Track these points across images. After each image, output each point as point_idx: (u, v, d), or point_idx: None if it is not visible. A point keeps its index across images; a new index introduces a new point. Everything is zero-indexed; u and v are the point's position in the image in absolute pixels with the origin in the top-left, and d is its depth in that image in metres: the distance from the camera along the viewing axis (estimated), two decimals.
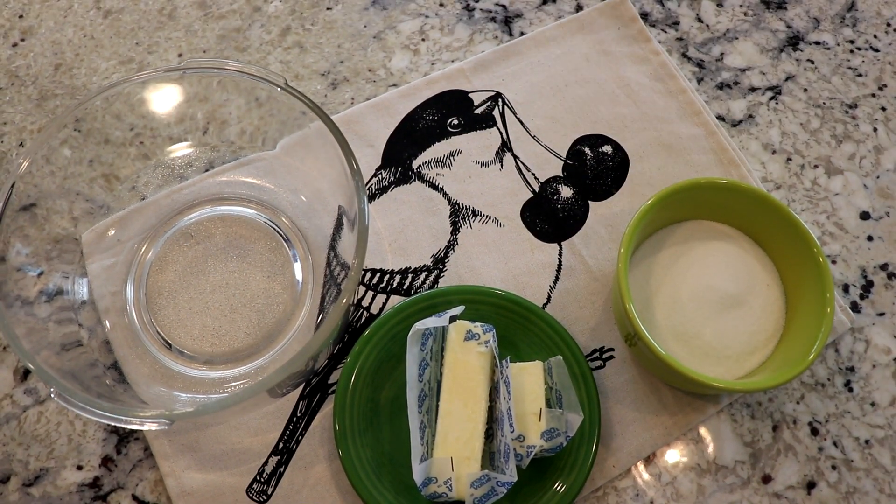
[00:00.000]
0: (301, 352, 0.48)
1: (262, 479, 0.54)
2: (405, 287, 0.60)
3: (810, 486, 0.55)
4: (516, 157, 0.64)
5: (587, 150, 0.65)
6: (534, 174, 0.64)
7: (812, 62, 0.70)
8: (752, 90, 0.69)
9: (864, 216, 0.64)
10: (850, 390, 0.58)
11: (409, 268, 0.60)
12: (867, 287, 0.62)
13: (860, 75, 0.70)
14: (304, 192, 0.62)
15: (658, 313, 0.56)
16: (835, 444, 0.57)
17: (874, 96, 0.69)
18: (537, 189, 0.63)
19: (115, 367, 0.56)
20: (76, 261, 0.59)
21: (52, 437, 0.55)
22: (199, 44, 0.69)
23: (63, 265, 0.58)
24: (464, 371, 0.52)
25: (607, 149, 0.65)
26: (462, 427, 0.51)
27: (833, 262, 0.63)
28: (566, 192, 0.63)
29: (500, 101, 0.66)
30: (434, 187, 0.63)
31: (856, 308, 0.61)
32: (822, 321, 0.51)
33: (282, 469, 0.54)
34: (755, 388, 0.51)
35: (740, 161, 0.65)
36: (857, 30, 0.72)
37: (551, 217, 0.62)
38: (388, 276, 0.60)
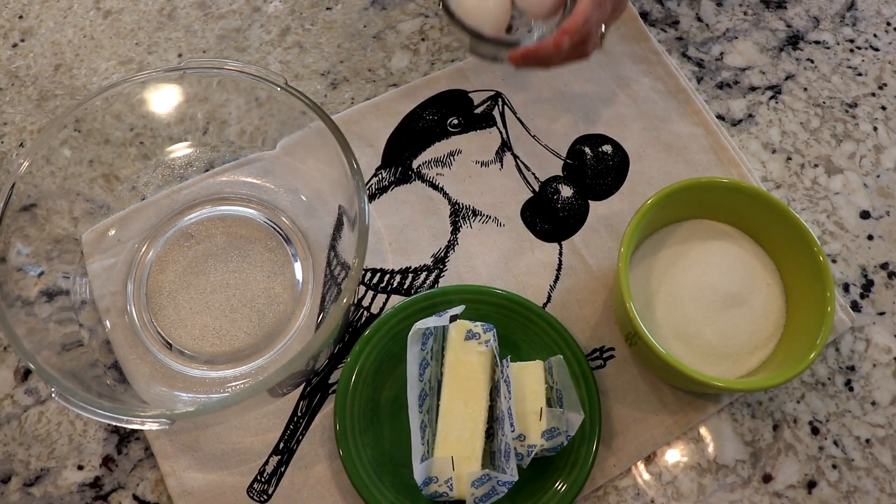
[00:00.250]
0: (301, 351, 0.48)
1: (263, 479, 0.54)
2: (405, 287, 0.60)
3: (811, 485, 0.56)
4: (516, 156, 0.64)
5: (587, 150, 0.65)
6: (534, 174, 0.64)
7: (812, 61, 0.70)
8: (752, 89, 0.69)
9: (865, 215, 0.64)
10: (851, 389, 0.58)
11: (410, 267, 0.60)
12: (867, 286, 0.62)
13: (860, 74, 0.70)
14: (304, 192, 0.62)
15: (658, 312, 0.56)
16: (835, 443, 0.57)
17: (874, 95, 0.69)
18: (537, 189, 0.63)
19: (116, 366, 0.56)
20: (76, 261, 0.59)
21: (52, 436, 0.55)
22: (198, 44, 0.69)
23: (63, 265, 0.58)
24: (464, 370, 0.52)
25: (607, 148, 0.65)
26: (463, 426, 0.51)
27: (833, 262, 0.63)
28: (566, 191, 0.63)
29: (500, 100, 0.66)
30: (434, 187, 0.63)
31: (856, 307, 0.61)
32: (823, 320, 0.51)
33: (282, 469, 0.54)
34: (756, 388, 0.51)
35: (740, 160, 0.65)
36: (857, 29, 0.72)
37: (551, 217, 0.62)
38: (388, 275, 0.60)
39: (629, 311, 0.51)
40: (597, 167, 0.64)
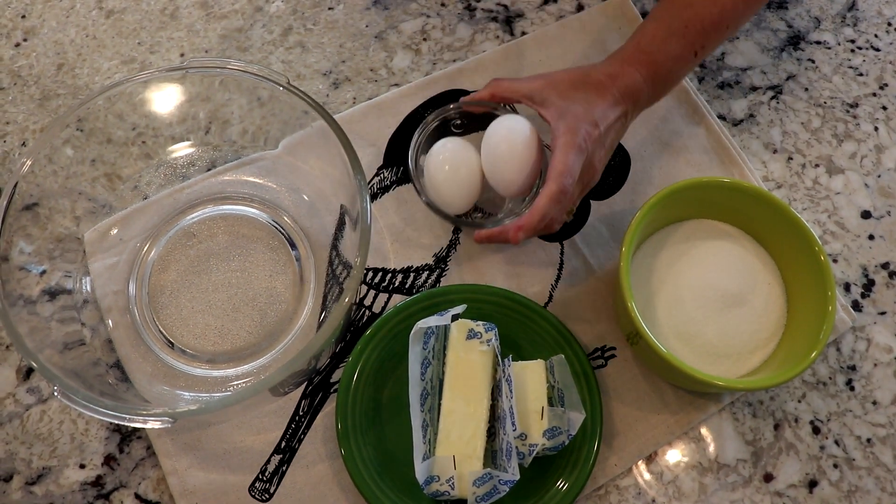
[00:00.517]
0: (303, 350, 0.48)
1: (265, 478, 0.54)
2: (407, 286, 0.60)
3: (812, 484, 0.56)
4: None
5: None
6: None
7: (813, 61, 0.71)
8: (753, 89, 0.69)
9: (866, 215, 0.64)
10: (852, 389, 0.59)
11: (411, 266, 0.60)
12: (868, 286, 0.62)
13: (861, 74, 0.70)
14: (306, 192, 0.62)
15: (660, 312, 0.56)
16: (836, 442, 0.57)
17: (875, 95, 0.69)
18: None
19: (118, 365, 0.56)
20: (79, 260, 0.59)
21: (54, 435, 0.55)
22: (201, 44, 0.69)
23: (66, 264, 0.58)
24: (466, 369, 0.53)
25: None
26: (464, 425, 0.51)
27: (834, 261, 0.63)
28: None
29: None
30: None
31: (857, 307, 0.61)
32: (824, 320, 0.51)
33: (284, 468, 0.54)
34: (757, 387, 0.51)
35: (741, 160, 0.65)
36: (857, 29, 0.72)
37: None
38: (390, 274, 0.60)
39: (630, 310, 0.51)
40: None
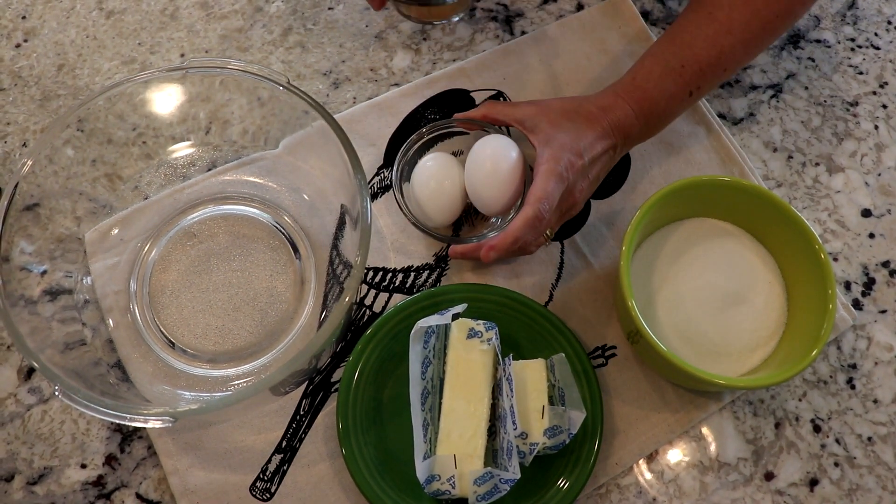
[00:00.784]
0: (304, 350, 0.49)
1: (266, 478, 0.54)
2: (407, 285, 0.60)
3: (813, 483, 0.56)
4: None
5: None
6: None
7: (813, 60, 0.71)
8: (753, 88, 0.69)
9: (866, 213, 0.64)
10: (853, 387, 0.59)
11: (412, 266, 0.60)
12: (869, 284, 0.62)
13: (861, 73, 0.70)
14: (306, 191, 0.62)
15: (660, 311, 0.56)
16: (837, 441, 0.57)
17: (875, 94, 0.69)
18: None
19: (119, 365, 0.56)
20: (79, 260, 0.59)
21: (55, 435, 0.55)
22: (201, 44, 0.69)
23: (67, 264, 0.58)
24: (466, 369, 0.53)
25: None
26: (465, 424, 0.51)
27: (835, 260, 0.63)
28: None
29: (502, 99, 0.66)
30: None
31: (858, 305, 0.61)
32: (824, 318, 0.51)
33: (285, 467, 0.54)
34: (757, 385, 0.51)
35: (741, 159, 0.65)
36: (857, 28, 0.72)
37: None
38: (390, 274, 0.60)
39: (631, 309, 0.51)
40: None
